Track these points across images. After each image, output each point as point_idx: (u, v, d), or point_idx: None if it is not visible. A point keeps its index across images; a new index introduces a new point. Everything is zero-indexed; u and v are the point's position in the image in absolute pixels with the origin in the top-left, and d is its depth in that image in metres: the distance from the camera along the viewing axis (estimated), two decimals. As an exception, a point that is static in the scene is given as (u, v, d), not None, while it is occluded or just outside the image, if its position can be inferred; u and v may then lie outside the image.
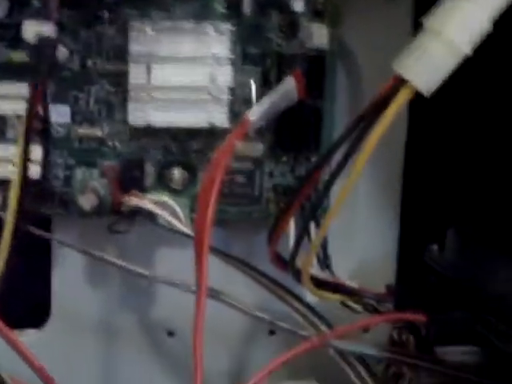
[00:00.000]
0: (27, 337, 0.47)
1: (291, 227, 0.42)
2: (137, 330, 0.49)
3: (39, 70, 0.40)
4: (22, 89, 0.41)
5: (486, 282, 0.40)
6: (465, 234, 0.43)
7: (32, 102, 0.40)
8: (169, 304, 0.48)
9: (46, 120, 0.42)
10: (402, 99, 0.33)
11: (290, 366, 0.46)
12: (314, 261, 0.43)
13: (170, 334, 0.49)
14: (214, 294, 0.43)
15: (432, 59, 0.32)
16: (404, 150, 0.49)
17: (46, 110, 0.41)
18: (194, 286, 0.40)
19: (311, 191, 0.39)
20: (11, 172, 0.41)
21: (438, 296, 0.42)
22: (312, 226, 0.42)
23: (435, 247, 0.45)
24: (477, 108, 0.51)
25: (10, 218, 0.40)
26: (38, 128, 0.41)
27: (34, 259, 0.49)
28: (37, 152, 0.42)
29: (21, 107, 0.41)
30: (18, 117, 0.43)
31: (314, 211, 0.39)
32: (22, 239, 0.40)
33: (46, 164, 0.42)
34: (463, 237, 0.43)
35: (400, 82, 0.33)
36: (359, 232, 0.49)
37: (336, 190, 0.36)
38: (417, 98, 0.34)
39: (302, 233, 0.39)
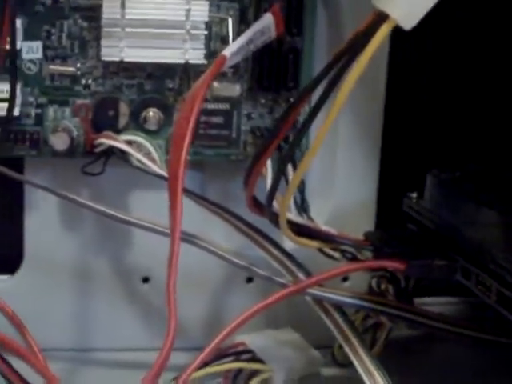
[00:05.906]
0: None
1: (269, 171, 0.41)
2: (111, 274, 0.48)
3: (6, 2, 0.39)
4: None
5: (465, 230, 0.39)
6: (443, 181, 0.42)
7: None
8: (144, 249, 0.47)
9: (14, 55, 0.40)
10: (381, 35, 0.31)
11: (267, 315, 0.45)
12: (292, 206, 0.42)
13: (146, 280, 0.48)
14: (190, 239, 0.42)
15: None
16: (385, 93, 0.47)
17: (13, 44, 0.40)
18: (168, 229, 0.39)
19: (288, 132, 0.38)
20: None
21: (417, 244, 0.41)
22: (290, 168, 0.41)
23: (414, 195, 0.44)
24: (460, 50, 0.50)
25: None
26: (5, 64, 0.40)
27: (5, 202, 0.48)
28: (5, 89, 0.41)
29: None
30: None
31: (291, 150, 0.38)
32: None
33: (13, 102, 0.41)
34: (442, 185, 0.42)
35: (380, 17, 0.31)
36: (338, 178, 0.48)
37: (316, 132, 0.35)
38: (399, 39, 0.32)
39: (279, 174, 0.38)
